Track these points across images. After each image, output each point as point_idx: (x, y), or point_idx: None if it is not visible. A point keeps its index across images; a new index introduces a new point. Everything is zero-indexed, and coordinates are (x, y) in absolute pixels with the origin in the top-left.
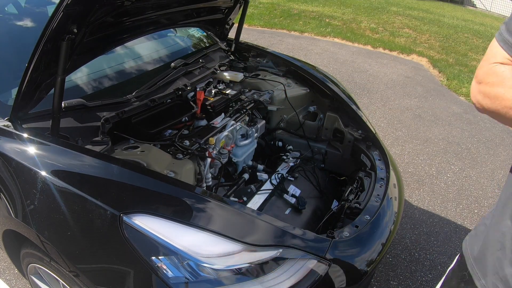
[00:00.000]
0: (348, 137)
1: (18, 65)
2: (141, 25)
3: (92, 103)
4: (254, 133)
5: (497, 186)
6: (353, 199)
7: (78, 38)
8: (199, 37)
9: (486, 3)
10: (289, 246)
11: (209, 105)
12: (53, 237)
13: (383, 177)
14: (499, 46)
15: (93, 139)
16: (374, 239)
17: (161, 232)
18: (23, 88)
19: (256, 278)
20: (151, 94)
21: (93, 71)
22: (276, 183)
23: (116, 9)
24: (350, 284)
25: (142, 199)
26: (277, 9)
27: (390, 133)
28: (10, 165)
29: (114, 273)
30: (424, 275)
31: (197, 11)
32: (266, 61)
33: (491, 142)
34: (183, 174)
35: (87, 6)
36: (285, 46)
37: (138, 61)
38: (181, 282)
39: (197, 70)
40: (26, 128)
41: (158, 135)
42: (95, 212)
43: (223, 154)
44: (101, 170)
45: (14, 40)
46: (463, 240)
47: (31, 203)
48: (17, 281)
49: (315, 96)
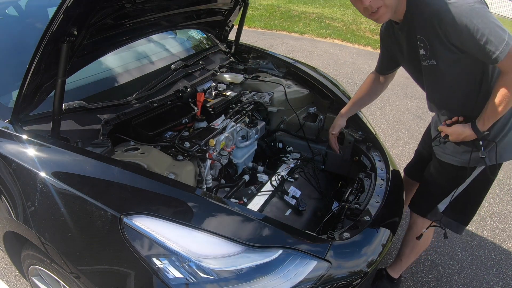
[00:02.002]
0: (348, 138)
1: (19, 67)
2: (141, 27)
3: (93, 105)
4: (254, 135)
5: (497, 187)
6: (353, 200)
7: (79, 40)
8: (199, 39)
9: None
10: (290, 247)
11: (209, 106)
12: (54, 238)
13: (384, 178)
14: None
15: (93, 141)
16: (374, 240)
17: (162, 233)
18: (23, 90)
19: (257, 279)
20: (151, 96)
21: (93, 73)
22: (276, 185)
23: (116, 11)
24: (351, 284)
25: (143, 201)
26: (277, 11)
27: (391, 134)
28: (11, 166)
29: (114, 275)
30: (425, 275)
31: (197, 13)
32: (266, 63)
33: None
34: (184, 175)
35: (87, 8)
36: (285, 47)
37: (138, 63)
38: (181, 283)
39: (197, 72)
40: (27, 130)
41: (159, 137)
42: (96, 213)
43: (223, 155)
44: (102, 171)
45: (14, 42)
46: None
47: (32, 205)
48: (18, 283)
49: (315, 97)
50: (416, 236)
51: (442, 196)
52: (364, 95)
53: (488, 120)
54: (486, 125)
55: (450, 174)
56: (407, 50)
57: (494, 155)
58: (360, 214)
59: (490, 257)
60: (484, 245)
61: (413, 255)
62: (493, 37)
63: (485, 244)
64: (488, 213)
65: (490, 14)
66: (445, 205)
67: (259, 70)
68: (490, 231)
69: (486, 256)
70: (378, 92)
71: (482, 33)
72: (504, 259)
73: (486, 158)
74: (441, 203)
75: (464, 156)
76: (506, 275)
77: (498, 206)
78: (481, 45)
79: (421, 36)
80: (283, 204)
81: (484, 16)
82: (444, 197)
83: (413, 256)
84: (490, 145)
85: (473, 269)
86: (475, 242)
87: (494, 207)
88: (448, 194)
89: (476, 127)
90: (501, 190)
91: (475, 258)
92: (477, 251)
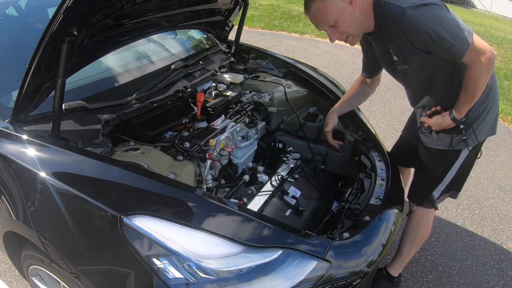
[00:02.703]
0: (348, 138)
1: (19, 67)
2: (141, 27)
3: (93, 105)
4: (254, 135)
5: (497, 187)
6: (353, 200)
7: (79, 40)
8: (199, 39)
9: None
10: (289, 247)
11: (209, 106)
12: (54, 238)
13: (384, 178)
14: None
15: (93, 141)
16: (374, 240)
17: (162, 234)
18: (23, 91)
19: (257, 279)
20: (151, 96)
21: (94, 73)
22: (276, 185)
23: (116, 11)
24: (350, 285)
25: (143, 201)
26: (277, 11)
27: (391, 134)
28: (11, 167)
29: (114, 275)
30: (425, 275)
31: (197, 13)
32: (266, 63)
33: (491, 143)
34: (183, 175)
35: (87, 8)
36: (285, 47)
37: (138, 63)
38: (181, 284)
39: (197, 72)
40: (27, 130)
41: (159, 137)
42: (96, 213)
43: (223, 155)
44: (102, 171)
45: (14, 42)
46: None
47: (32, 205)
48: (18, 283)
49: (315, 97)
50: (414, 224)
51: (436, 183)
52: (353, 95)
53: (463, 108)
54: (462, 113)
55: (440, 158)
56: (382, 56)
57: (474, 137)
58: (360, 214)
59: (490, 257)
60: (484, 245)
61: (414, 247)
62: (453, 38)
63: (485, 244)
64: (488, 213)
65: (447, 15)
66: (439, 192)
67: (259, 70)
68: (490, 231)
69: (486, 256)
70: (366, 93)
71: (443, 37)
72: (504, 259)
73: (468, 139)
74: (435, 190)
75: (449, 140)
76: (506, 275)
77: (498, 206)
78: (444, 47)
79: (392, 44)
80: (283, 204)
81: (441, 19)
82: (438, 183)
83: (414, 249)
84: (470, 129)
85: (473, 269)
86: (475, 242)
87: (494, 207)
88: (442, 180)
89: (453, 116)
90: (501, 190)
91: (475, 258)
92: (477, 251)
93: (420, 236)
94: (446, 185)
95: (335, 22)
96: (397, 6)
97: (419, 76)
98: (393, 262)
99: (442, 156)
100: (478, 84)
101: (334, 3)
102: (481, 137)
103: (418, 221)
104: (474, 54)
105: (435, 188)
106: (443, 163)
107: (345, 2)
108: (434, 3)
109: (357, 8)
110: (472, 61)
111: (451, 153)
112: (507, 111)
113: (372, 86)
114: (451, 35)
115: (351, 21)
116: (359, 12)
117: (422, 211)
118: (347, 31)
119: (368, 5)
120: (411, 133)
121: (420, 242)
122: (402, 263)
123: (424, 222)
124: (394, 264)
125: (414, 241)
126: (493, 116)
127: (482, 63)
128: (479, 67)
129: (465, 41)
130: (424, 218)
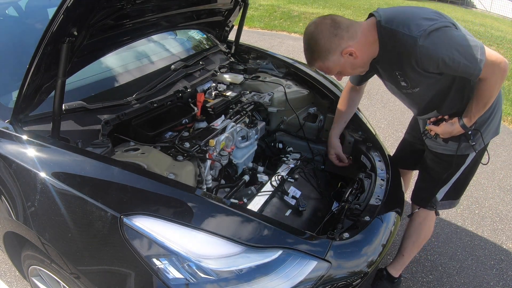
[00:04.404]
0: (348, 138)
1: (19, 67)
2: (142, 28)
3: (93, 106)
4: (254, 135)
5: (497, 187)
6: (353, 200)
7: (79, 41)
8: (199, 39)
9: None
10: (290, 247)
11: (209, 107)
12: (54, 239)
13: (384, 178)
14: None
15: (93, 141)
16: (374, 240)
17: (162, 234)
18: (23, 91)
19: (257, 279)
20: (151, 96)
21: (94, 74)
22: (276, 185)
23: (116, 11)
24: (351, 285)
25: (143, 201)
26: (277, 11)
27: (391, 134)
28: (11, 167)
29: (114, 275)
30: (425, 275)
31: (197, 13)
32: (266, 63)
33: (491, 143)
34: (183, 176)
35: (87, 9)
36: (285, 48)
37: (138, 63)
38: (181, 284)
39: (197, 72)
40: (27, 130)
41: (158, 137)
42: (96, 213)
43: (223, 156)
44: (102, 172)
45: (14, 42)
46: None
47: (32, 205)
48: (18, 283)
49: (315, 97)
50: (416, 225)
51: (440, 186)
52: (346, 108)
53: (474, 117)
54: (472, 121)
55: (447, 162)
56: (388, 79)
57: (481, 140)
58: (360, 214)
59: (490, 257)
60: (484, 245)
61: (416, 248)
62: (468, 60)
63: (485, 244)
64: (488, 213)
65: (458, 35)
66: (443, 194)
67: (259, 70)
68: (490, 231)
69: (486, 256)
70: (357, 101)
71: (458, 61)
72: (504, 259)
73: (475, 144)
74: (439, 192)
75: (456, 146)
76: (506, 275)
77: (498, 206)
78: (460, 70)
79: (400, 71)
80: (283, 204)
81: (454, 43)
82: (442, 186)
83: (416, 250)
84: (477, 134)
85: (473, 269)
86: (475, 242)
87: (494, 207)
88: (446, 183)
89: (463, 123)
90: (501, 190)
91: (475, 258)
92: (477, 251)
93: (422, 238)
94: (450, 187)
95: (339, 72)
96: (407, 36)
97: (428, 94)
98: (393, 262)
99: (449, 161)
100: (492, 95)
101: (335, 61)
102: (487, 139)
103: (420, 222)
104: (488, 68)
105: (439, 190)
106: (449, 167)
107: (344, 56)
108: (443, 26)
109: (359, 56)
110: (486, 75)
111: (458, 158)
112: (507, 111)
113: (360, 92)
114: (465, 57)
115: (354, 67)
116: (362, 55)
117: (424, 213)
118: (353, 73)
119: (370, 34)
120: (415, 136)
121: (422, 244)
122: (403, 264)
123: (426, 224)
124: (395, 265)
125: (416, 242)
126: (498, 118)
127: (496, 75)
128: (493, 79)
129: (480, 60)
130: (426, 220)
